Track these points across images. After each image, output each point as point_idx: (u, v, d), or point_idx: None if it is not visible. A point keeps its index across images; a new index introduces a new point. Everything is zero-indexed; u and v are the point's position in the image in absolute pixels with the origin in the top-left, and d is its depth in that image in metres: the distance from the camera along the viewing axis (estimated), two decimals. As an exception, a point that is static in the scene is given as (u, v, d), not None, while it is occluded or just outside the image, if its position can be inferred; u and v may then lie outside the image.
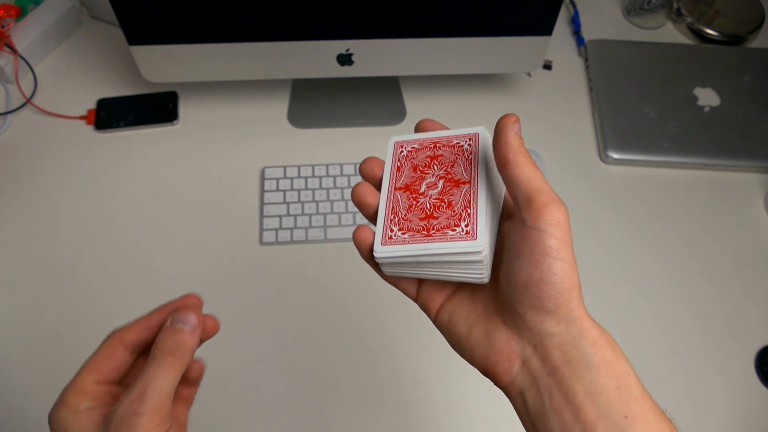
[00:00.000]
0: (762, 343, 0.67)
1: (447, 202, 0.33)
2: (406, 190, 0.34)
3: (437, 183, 0.34)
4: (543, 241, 0.28)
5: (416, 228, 0.32)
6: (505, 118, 0.31)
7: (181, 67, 0.72)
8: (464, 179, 0.33)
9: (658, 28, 0.94)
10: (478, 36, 0.71)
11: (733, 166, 0.79)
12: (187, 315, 0.32)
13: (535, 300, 0.28)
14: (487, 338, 0.31)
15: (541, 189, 0.29)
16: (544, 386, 0.29)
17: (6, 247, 0.70)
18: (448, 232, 0.31)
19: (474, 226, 0.31)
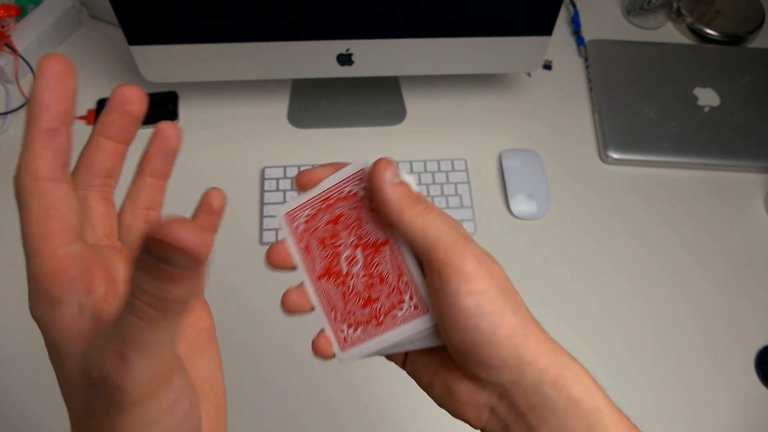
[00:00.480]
0: (762, 343, 0.67)
1: (377, 275, 0.29)
2: (328, 276, 0.31)
3: (355, 255, 0.30)
4: (458, 304, 0.25)
5: (363, 319, 0.30)
6: (374, 169, 0.27)
7: (181, 67, 0.72)
8: (380, 240, 0.29)
9: (658, 28, 0.94)
10: (478, 36, 0.71)
11: (733, 166, 0.79)
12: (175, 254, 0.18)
13: (479, 362, 0.27)
14: (449, 392, 0.29)
15: (438, 241, 0.26)
16: (515, 431, 0.28)
17: (6, 247, 0.70)
18: (397, 313, 0.29)
19: (418, 297, 0.28)
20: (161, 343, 0.20)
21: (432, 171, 0.76)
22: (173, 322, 0.20)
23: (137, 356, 0.20)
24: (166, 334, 0.20)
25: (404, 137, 0.80)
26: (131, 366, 0.20)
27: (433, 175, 0.76)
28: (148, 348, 0.20)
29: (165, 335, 0.20)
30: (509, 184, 0.75)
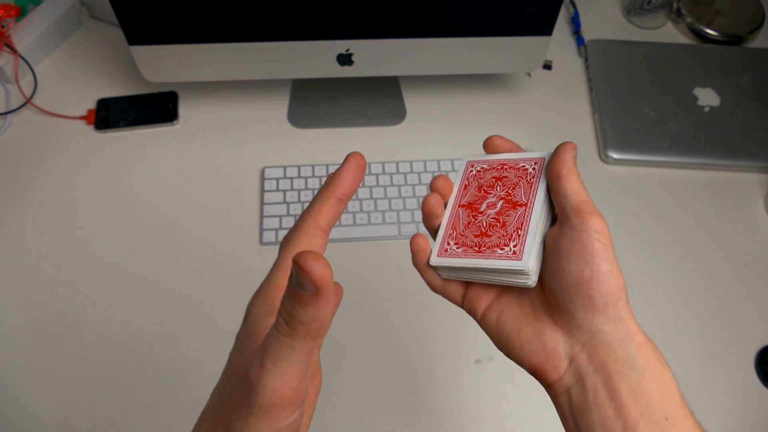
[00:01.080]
0: (762, 343, 0.67)
1: (502, 222, 0.35)
2: (468, 207, 0.37)
3: (496, 203, 0.36)
4: (591, 243, 0.30)
5: (470, 244, 0.35)
6: (566, 143, 0.34)
7: (181, 67, 0.72)
8: (521, 202, 0.36)
9: (658, 28, 0.94)
10: (478, 36, 0.71)
11: (733, 166, 0.79)
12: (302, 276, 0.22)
13: (585, 298, 0.30)
14: (538, 338, 0.32)
15: (587, 201, 0.32)
16: (589, 383, 0.30)
17: (6, 247, 0.70)
18: (497, 250, 0.34)
19: (521, 247, 0.33)
20: (290, 360, 0.24)
21: (432, 171, 0.76)
22: (302, 345, 0.24)
23: (270, 365, 0.24)
24: (295, 355, 0.24)
25: (404, 137, 0.80)
26: (265, 371, 0.24)
27: (433, 175, 0.76)
28: (279, 360, 0.24)
29: (294, 355, 0.24)
30: (509, 184, 0.75)
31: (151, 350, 0.64)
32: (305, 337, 0.24)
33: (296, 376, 0.24)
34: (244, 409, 0.24)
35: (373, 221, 0.72)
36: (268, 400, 0.24)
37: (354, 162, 0.31)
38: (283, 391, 0.24)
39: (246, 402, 0.24)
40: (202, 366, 0.63)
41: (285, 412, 0.25)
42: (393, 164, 0.76)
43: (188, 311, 0.66)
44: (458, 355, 0.65)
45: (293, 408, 0.25)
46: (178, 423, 0.61)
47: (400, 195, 0.74)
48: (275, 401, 0.24)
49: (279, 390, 0.24)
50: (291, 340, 0.24)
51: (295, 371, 0.24)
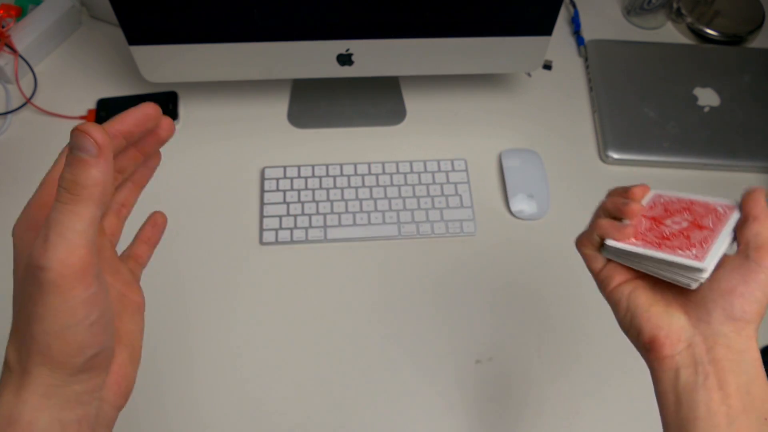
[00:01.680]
0: (762, 343, 0.67)
1: (686, 235, 0.38)
2: (653, 219, 0.41)
3: (682, 222, 0.40)
4: (757, 273, 0.35)
5: (650, 240, 0.39)
6: (760, 188, 0.38)
7: (181, 67, 0.72)
8: (708, 226, 0.39)
9: (658, 28, 0.94)
10: (478, 36, 0.71)
11: (733, 166, 0.79)
12: (83, 140, 0.25)
13: (728, 303, 0.35)
14: (666, 316, 0.37)
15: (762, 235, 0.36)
16: (702, 369, 0.34)
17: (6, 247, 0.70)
18: (678, 250, 0.37)
19: (704, 254, 0.36)
20: (76, 229, 0.25)
21: (432, 171, 0.76)
22: (85, 211, 0.25)
23: (54, 236, 0.24)
24: (80, 223, 0.25)
25: (404, 137, 0.80)
26: (49, 244, 0.24)
27: (433, 175, 0.76)
28: (63, 230, 0.24)
29: (79, 223, 0.25)
30: (509, 184, 0.75)
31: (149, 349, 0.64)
32: (88, 201, 0.25)
33: (83, 245, 0.25)
34: (37, 293, 0.25)
35: (373, 221, 0.72)
36: (58, 272, 0.24)
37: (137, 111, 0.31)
38: (72, 261, 0.24)
39: (37, 283, 0.24)
40: (201, 363, 0.63)
41: (79, 285, 0.25)
42: (393, 164, 0.76)
43: (188, 310, 0.66)
44: (458, 355, 0.65)
45: (87, 281, 0.25)
46: (175, 418, 0.61)
47: (400, 195, 0.74)
48: (66, 272, 0.24)
49: (67, 260, 0.24)
50: (74, 206, 0.25)
51: (81, 240, 0.25)
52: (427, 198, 0.74)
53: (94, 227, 0.25)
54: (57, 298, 0.25)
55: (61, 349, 0.26)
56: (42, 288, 0.25)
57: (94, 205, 0.25)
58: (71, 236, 0.24)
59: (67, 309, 0.25)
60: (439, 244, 0.72)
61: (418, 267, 0.71)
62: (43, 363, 0.26)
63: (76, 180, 0.25)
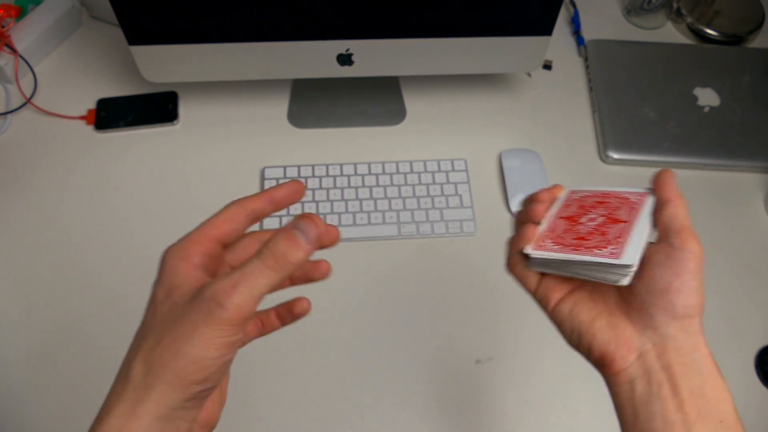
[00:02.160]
0: (762, 343, 0.67)
1: (601, 231, 0.37)
2: (567, 219, 0.40)
3: (597, 218, 0.39)
4: (686, 260, 0.34)
5: (567, 243, 0.38)
6: (667, 170, 0.38)
7: (181, 67, 0.72)
8: (623, 219, 0.38)
9: (658, 28, 0.94)
10: (478, 36, 0.71)
11: (733, 166, 0.79)
12: (309, 227, 0.31)
13: (668, 303, 0.34)
14: (611, 329, 0.36)
15: (690, 227, 0.36)
16: (654, 378, 0.33)
17: (6, 247, 0.70)
18: (594, 250, 0.36)
19: (621, 249, 0.35)
20: (261, 289, 0.29)
21: (432, 171, 0.76)
22: (276, 279, 0.29)
23: (244, 287, 0.29)
24: (267, 286, 0.29)
25: (404, 137, 0.80)
26: (237, 291, 0.28)
27: (433, 175, 0.76)
28: (254, 285, 0.29)
29: (266, 286, 0.29)
30: (509, 184, 0.75)
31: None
32: (283, 273, 0.30)
33: (256, 302, 0.29)
34: (203, 322, 0.28)
35: (373, 221, 0.72)
36: (231, 315, 0.28)
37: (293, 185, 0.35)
38: (245, 310, 0.29)
39: (208, 314, 0.28)
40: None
41: (237, 329, 0.29)
42: (393, 164, 0.76)
43: (188, 311, 0.66)
44: (458, 355, 0.65)
45: (242, 327, 0.29)
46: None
47: (400, 195, 0.74)
48: (235, 317, 0.29)
49: (243, 308, 0.29)
50: (272, 272, 0.29)
51: (257, 297, 0.29)
52: (427, 198, 0.74)
53: (272, 291, 0.30)
54: (217, 332, 0.29)
55: (193, 375, 0.29)
56: (210, 320, 0.28)
57: (282, 277, 0.30)
58: (255, 293, 0.29)
59: (218, 343, 0.29)
60: (439, 244, 0.72)
61: (418, 267, 0.71)
62: (170, 382, 0.29)
63: (286, 254, 0.30)
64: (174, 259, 0.32)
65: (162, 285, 0.32)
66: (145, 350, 0.30)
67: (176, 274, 0.32)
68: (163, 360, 0.29)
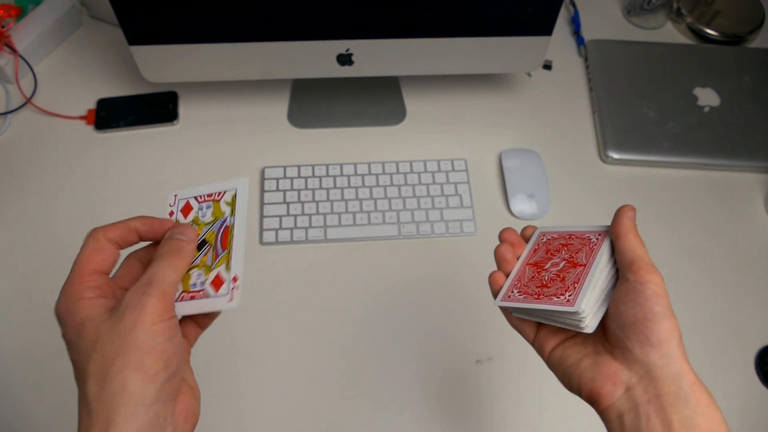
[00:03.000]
0: (762, 343, 0.67)
1: (561, 277, 0.40)
2: (534, 266, 0.43)
3: (559, 263, 0.42)
4: (644, 291, 0.35)
5: (531, 292, 0.41)
6: (624, 207, 0.39)
7: (181, 67, 0.72)
8: (581, 263, 0.40)
9: (658, 28, 0.94)
10: (478, 36, 0.71)
11: (733, 166, 0.79)
12: (186, 228, 0.38)
13: (641, 335, 0.34)
14: (596, 366, 0.37)
15: (643, 257, 0.37)
16: (643, 411, 0.33)
17: (5, 246, 0.70)
18: (553, 298, 0.39)
19: (575, 296, 0.37)
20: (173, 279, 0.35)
21: (432, 171, 0.76)
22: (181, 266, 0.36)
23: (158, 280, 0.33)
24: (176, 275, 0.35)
25: (404, 137, 0.80)
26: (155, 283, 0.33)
27: (433, 175, 0.76)
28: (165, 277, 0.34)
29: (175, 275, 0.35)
30: (509, 184, 0.75)
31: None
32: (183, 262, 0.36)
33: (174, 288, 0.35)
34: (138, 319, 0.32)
35: (373, 221, 0.72)
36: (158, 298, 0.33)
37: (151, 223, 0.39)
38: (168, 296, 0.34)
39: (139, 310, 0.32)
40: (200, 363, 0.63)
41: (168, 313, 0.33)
42: (393, 164, 0.76)
43: (188, 311, 0.66)
44: (458, 355, 0.65)
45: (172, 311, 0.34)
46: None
47: (400, 195, 0.74)
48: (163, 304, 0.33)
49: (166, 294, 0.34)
50: (175, 262, 0.35)
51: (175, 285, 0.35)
52: (427, 198, 0.74)
53: (179, 282, 0.36)
54: (153, 318, 0.32)
55: (152, 364, 0.31)
56: (143, 312, 0.32)
57: (185, 266, 0.36)
58: (170, 281, 0.34)
59: (160, 329, 0.32)
60: (439, 244, 0.72)
61: (418, 267, 0.71)
62: (136, 378, 0.31)
63: (179, 248, 0.36)
64: (67, 305, 0.34)
65: (71, 328, 0.33)
66: (94, 371, 0.31)
67: (78, 312, 0.33)
68: (116, 366, 0.31)
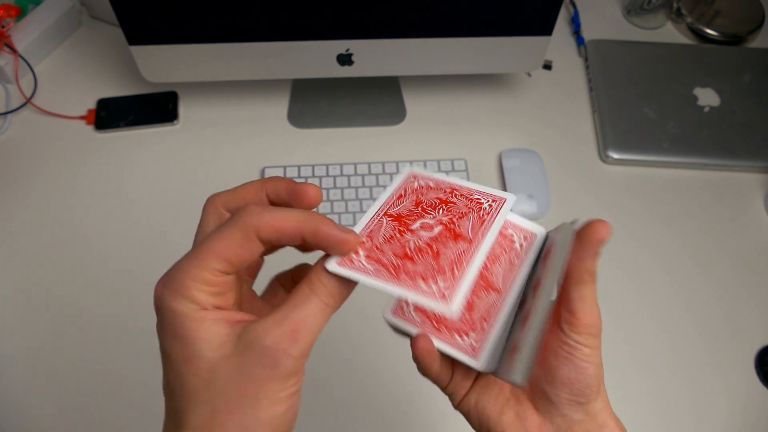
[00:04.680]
0: (762, 343, 0.67)
1: (435, 251, 0.28)
2: (396, 219, 0.30)
3: (434, 227, 0.29)
4: (580, 349, 0.32)
5: (385, 263, 0.28)
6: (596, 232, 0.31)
7: (181, 67, 0.72)
8: (466, 236, 0.28)
9: (658, 28, 0.94)
10: (478, 36, 0.71)
11: (733, 166, 0.79)
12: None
13: (570, 395, 0.32)
14: (520, 420, 0.34)
15: (591, 321, 0.32)
16: None
17: (6, 247, 0.70)
18: (420, 283, 0.27)
19: (452, 291, 0.26)
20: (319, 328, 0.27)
21: (432, 171, 0.76)
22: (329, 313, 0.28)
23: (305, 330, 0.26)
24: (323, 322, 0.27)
25: (404, 137, 0.80)
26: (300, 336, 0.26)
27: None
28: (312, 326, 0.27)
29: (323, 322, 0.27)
30: (509, 184, 0.75)
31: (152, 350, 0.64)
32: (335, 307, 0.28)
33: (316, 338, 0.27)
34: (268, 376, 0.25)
35: (373, 221, 0.72)
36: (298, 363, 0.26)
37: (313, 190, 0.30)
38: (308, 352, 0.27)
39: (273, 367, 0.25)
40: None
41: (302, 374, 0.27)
42: (393, 164, 0.76)
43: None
44: (458, 355, 0.65)
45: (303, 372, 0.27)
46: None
47: (400, 195, 0.74)
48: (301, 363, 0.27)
49: (306, 351, 0.26)
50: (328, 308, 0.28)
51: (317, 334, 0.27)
52: (427, 198, 0.74)
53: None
54: (282, 385, 0.26)
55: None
56: (276, 373, 0.25)
57: (333, 310, 0.28)
58: (315, 333, 0.27)
59: (285, 396, 0.26)
60: (439, 244, 0.72)
61: (418, 267, 0.71)
62: None
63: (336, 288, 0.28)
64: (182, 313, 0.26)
65: (176, 338, 0.26)
66: (196, 423, 0.25)
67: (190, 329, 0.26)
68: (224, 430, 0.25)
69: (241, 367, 0.25)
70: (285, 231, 0.27)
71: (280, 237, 0.27)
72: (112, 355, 0.64)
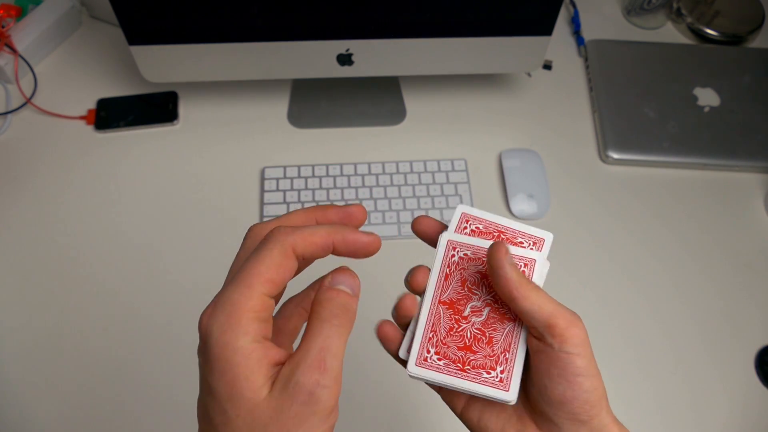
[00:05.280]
0: (762, 343, 0.67)
1: (488, 337, 0.33)
2: (450, 307, 0.34)
3: (482, 310, 0.33)
4: (572, 362, 0.30)
5: (452, 357, 0.33)
6: (497, 252, 0.31)
7: (181, 67, 0.72)
8: (510, 316, 0.33)
9: (658, 28, 0.94)
10: (478, 36, 0.71)
11: (733, 166, 0.79)
12: (353, 279, 0.31)
13: (569, 413, 0.31)
14: None
15: (556, 313, 0.31)
16: None
17: (6, 247, 0.70)
18: (482, 373, 0.32)
19: (509, 375, 0.32)
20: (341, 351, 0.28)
21: (432, 171, 0.76)
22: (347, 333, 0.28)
23: (331, 358, 0.27)
24: (343, 345, 0.28)
25: (404, 137, 0.80)
26: (328, 365, 0.26)
27: (433, 175, 0.76)
28: (336, 352, 0.27)
29: (343, 345, 0.28)
30: (509, 184, 0.75)
31: (151, 351, 0.64)
32: (350, 326, 0.29)
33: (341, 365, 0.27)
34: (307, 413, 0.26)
35: (373, 221, 0.72)
36: (334, 393, 0.26)
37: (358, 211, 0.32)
38: (340, 382, 0.27)
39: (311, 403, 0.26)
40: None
41: (337, 408, 0.27)
42: (393, 164, 0.76)
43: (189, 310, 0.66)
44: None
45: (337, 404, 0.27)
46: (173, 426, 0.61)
47: (400, 195, 0.74)
48: (336, 395, 0.27)
49: (338, 381, 0.27)
50: (343, 329, 0.28)
51: (342, 361, 0.28)
52: (427, 198, 0.74)
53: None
54: (323, 419, 0.26)
55: None
56: (316, 411, 0.25)
57: (349, 332, 0.28)
58: (339, 356, 0.27)
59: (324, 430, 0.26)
60: (439, 244, 0.72)
61: (418, 267, 0.71)
62: None
63: (347, 306, 0.29)
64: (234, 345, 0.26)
65: (223, 375, 0.26)
66: None
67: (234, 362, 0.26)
68: None
69: (280, 407, 0.26)
70: (318, 243, 0.29)
71: (315, 250, 0.29)
72: (113, 355, 0.64)
